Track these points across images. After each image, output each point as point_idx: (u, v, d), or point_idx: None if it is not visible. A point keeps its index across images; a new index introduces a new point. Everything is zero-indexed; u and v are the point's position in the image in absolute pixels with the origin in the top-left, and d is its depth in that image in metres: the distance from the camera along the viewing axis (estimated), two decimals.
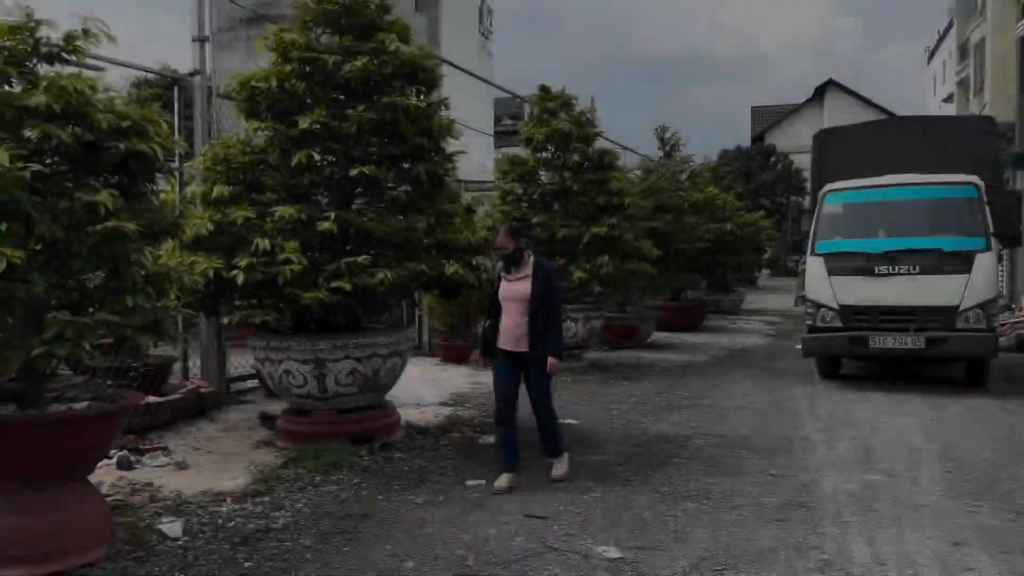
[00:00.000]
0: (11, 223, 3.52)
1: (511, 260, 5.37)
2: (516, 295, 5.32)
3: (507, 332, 5.36)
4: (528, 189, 11.20)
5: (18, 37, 3.98)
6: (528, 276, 5.31)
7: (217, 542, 4.26)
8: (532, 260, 5.38)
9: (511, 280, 5.37)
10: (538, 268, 5.35)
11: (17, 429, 3.74)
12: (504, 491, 5.14)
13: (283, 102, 6.34)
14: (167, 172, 4.32)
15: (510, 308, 5.34)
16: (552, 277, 5.39)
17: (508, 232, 5.42)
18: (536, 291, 5.24)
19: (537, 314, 5.24)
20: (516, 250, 5.36)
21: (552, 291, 5.33)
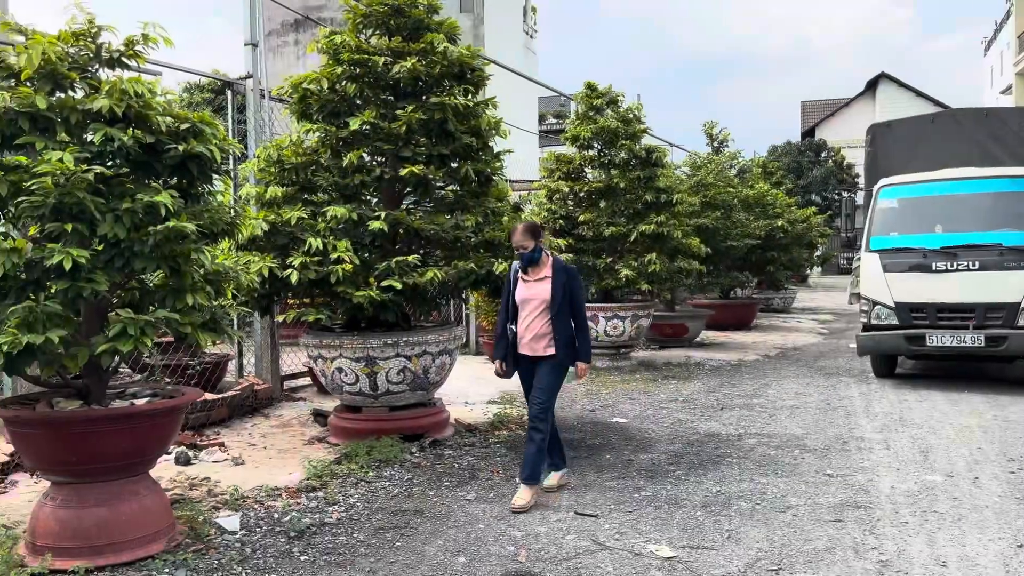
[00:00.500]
0: (76, 224, 3.64)
1: (530, 260, 5.06)
2: (536, 297, 5.02)
3: (527, 335, 5.07)
4: (574, 187, 11.18)
5: (81, 43, 4.12)
6: (548, 277, 5.02)
7: (273, 536, 4.35)
8: (551, 260, 5.11)
9: (529, 281, 5.09)
10: (558, 268, 5.06)
11: (82, 425, 3.86)
12: (554, 489, 5.10)
13: (334, 103, 6.43)
14: (223, 173, 4.40)
15: (530, 310, 5.05)
16: (573, 276, 5.10)
17: (526, 230, 5.05)
18: (557, 292, 4.97)
19: (560, 316, 4.99)
20: (536, 249, 5.05)
21: (576, 291, 5.06)
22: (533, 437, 4.92)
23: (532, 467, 4.89)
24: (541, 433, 4.92)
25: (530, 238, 5.02)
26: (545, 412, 4.95)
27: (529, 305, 5.05)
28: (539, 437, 4.91)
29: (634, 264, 10.46)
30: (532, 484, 4.89)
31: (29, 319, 3.52)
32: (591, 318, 10.51)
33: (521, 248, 5.03)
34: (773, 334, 15.17)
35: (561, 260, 5.16)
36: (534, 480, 4.91)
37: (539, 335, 5.01)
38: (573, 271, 5.11)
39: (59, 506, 3.92)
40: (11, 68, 3.98)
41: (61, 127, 3.87)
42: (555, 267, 5.05)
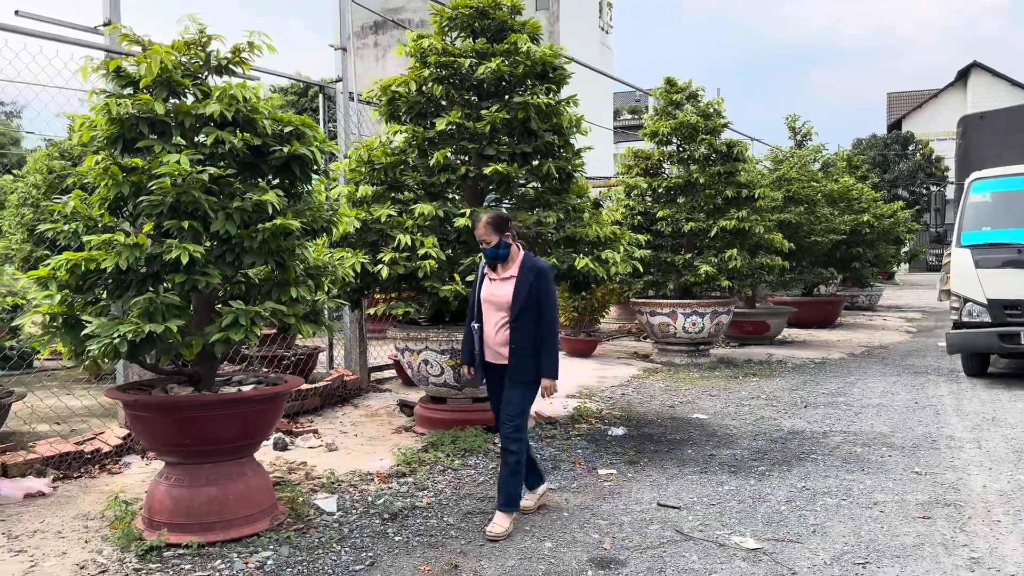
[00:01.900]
0: (191, 221, 3.91)
1: (494, 256, 4.47)
2: (497, 298, 4.46)
3: (490, 340, 4.52)
4: (652, 183, 11.17)
5: (192, 52, 4.40)
6: (513, 277, 4.43)
7: (368, 517, 4.57)
8: (521, 257, 4.50)
9: (496, 280, 4.51)
10: (526, 267, 4.43)
11: (196, 409, 4.15)
12: (531, 510, 4.58)
13: (421, 105, 6.65)
14: (321, 174, 4.64)
15: (491, 313, 4.50)
16: (541, 278, 4.39)
17: (489, 223, 4.43)
18: (520, 294, 4.34)
19: (520, 322, 4.34)
20: (501, 244, 4.43)
21: (542, 295, 4.36)
22: (507, 459, 4.35)
23: (508, 492, 4.34)
24: (516, 454, 4.34)
25: (493, 232, 4.42)
26: (518, 430, 4.35)
27: (492, 307, 4.50)
28: (513, 459, 4.34)
29: (714, 260, 10.41)
30: (509, 510, 4.34)
31: (150, 309, 3.81)
32: (669, 314, 10.52)
33: (484, 243, 4.45)
34: (858, 332, 14.80)
35: (533, 257, 4.54)
36: (511, 506, 4.36)
37: (504, 341, 4.44)
38: (543, 269, 4.44)
39: (173, 485, 4.21)
40: (131, 76, 4.30)
41: (176, 131, 4.16)
42: (524, 265, 4.45)
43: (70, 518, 4.54)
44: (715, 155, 10.89)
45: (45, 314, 3.97)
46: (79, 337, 3.89)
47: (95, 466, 5.49)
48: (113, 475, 5.40)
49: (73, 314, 4.01)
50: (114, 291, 4.01)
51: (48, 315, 3.98)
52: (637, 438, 6.50)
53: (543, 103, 6.40)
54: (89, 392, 7.49)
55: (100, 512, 4.59)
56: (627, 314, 15.95)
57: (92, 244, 3.93)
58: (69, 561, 3.92)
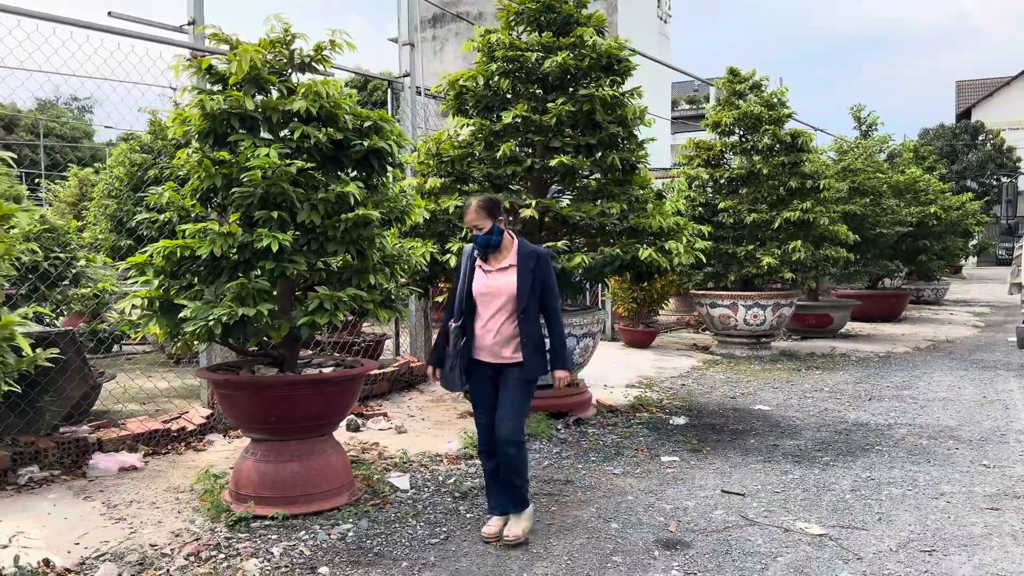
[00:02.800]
0: (280, 212, 4.14)
1: (486, 245, 4.07)
2: (497, 291, 4.05)
3: (486, 338, 4.08)
4: (714, 174, 11.14)
5: (277, 50, 4.63)
6: (512, 266, 4.06)
7: (440, 495, 4.76)
8: (516, 244, 4.12)
9: (491, 271, 4.10)
10: (524, 253, 4.07)
11: (281, 388, 4.38)
12: (493, 539, 4.03)
13: (487, 98, 6.80)
14: (396, 166, 4.83)
15: (490, 307, 4.07)
16: (543, 262, 4.08)
17: (481, 207, 4.03)
18: (524, 285, 4.01)
19: (529, 314, 4.02)
20: (494, 231, 4.05)
21: (547, 280, 4.08)
22: (508, 462, 3.98)
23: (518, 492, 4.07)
24: (515, 457, 3.97)
25: (486, 216, 4.02)
26: (516, 431, 3.98)
27: (490, 302, 4.07)
28: (516, 462, 3.99)
29: (777, 252, 10.35)
30: (521, 509, 4.10)
31: (242, 294, 4.05)
32: (730, 306, 10.51)
33: (475, 229, 4.06)
34: (924, 326, 14.51)
35: (528, 243, 4.17)
36: (523, 504, 4.11)
37: (505, 339, 4.04)
38: (543, 255, 4.11)
39: (259, 460, 4.46)
40: (221, 74, 4.55)
41: (264, 126, 4.39)
42: (521, 253, 4.08)
43: (162, 490, 4.84)
44: (779, 145, 10.81)
45: (143, 298, 4.25)
46: (175, 320, 4.16)
47: (181, 443, 5.81)
48: (198, 452, 5.71)
49: (169, 298, 4.28)
50: (207, 277, 4.27)
51: (146, 299, 4.25)
52: (699, 427, 6.57)
53: (608, 95, 6.49)
54: (170, 375, 7.88)
55: (190, 485, 4.89)
56: (686, 306, 15.91)
57: (187, 232, 4.20)
58: (165, 529, 4.20)
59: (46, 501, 4.62)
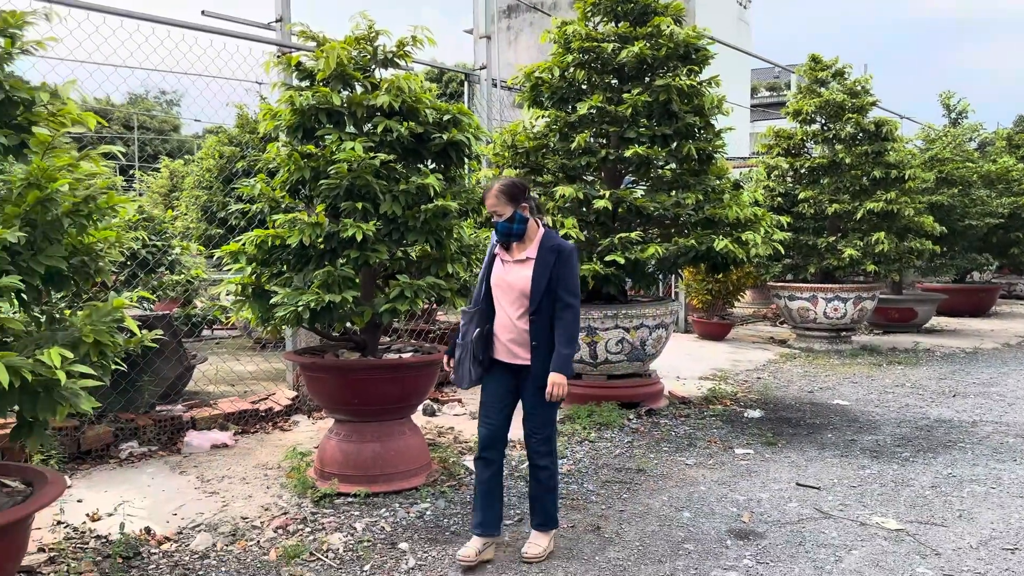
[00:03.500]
0: (364, 203, 4.31)
1: (507, 233, 3.68)
2: (512, 285, 3.68)
3: (502, 336, 3.73)
4: (795, 163, 10.93)
5: (361, 46, 4.80)
6: (530, 259, 3.66)
7: (514, 479, 4.88)
8: (540, 235, 3.71)
9: (508, 262, 3.73)
10: (546, 247, 3.66)
11: (364, 372, 4.57)
12: (471, 563, 3.60)
13: (563, 90, 6.86)
14: (473, 158, 4.95)
15: (504, 302, 3.72)
16: (565, 260, 3.64)
17: (502, 192, 3.64)
18: (539, 281, 3.61)
19: (540, 315, 3.62)
20: (516, 219, 3.65)
21: (565, 279, 3.62)
22: (538, 475, 3.73)
23: (544, 509, 3.76)
24: (548, 469, 3.73)
25: (507, 202, 3.64)
26: (547, 442, 3.72)
27: (505, 296, 3.72)
28: (546, 475, 3.73)
29: (859, 243, 10.10)
30: (547, 529, 3.77)
31: (328, 281, 4.24)
32: (809, 299, 10.31)
33: (495, 215, 3.70)
34: (1015, 322, 13.91)
35: (555, 235, 3.74)
36: (550, 524, 3.77)
37: (521, 338, 3.69)
38: (567, 250, 3.66)
39: (342, 440, 4.67)
40: (308, 70, 4.75)
41: (349, 120, 4.57)
42: (543, 245, 3.66)
43: (251, 467, 5.11)
44: (862, 134, 10.53)
45: (237, 284, 4.49)
46: (266, 305, 4.39)
47: (268, 423, 6.10)
48: (284, 431, 5.98)
49: (260, 285, 4.51)
50: (296, 265, 4.47)
51: (239, 285, 4.49)
52: (774, 421, 6.52)
53: (685, 85, 6.47)
54: (257, 358, 8.23)
55: (277, 463, 5.14)
56: (763, 298, 15.64)
57: (277, 222, 4.41)
58: (255, 503, 4.44)
59: (145, 475, 4.93)
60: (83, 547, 3.76)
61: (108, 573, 3.46)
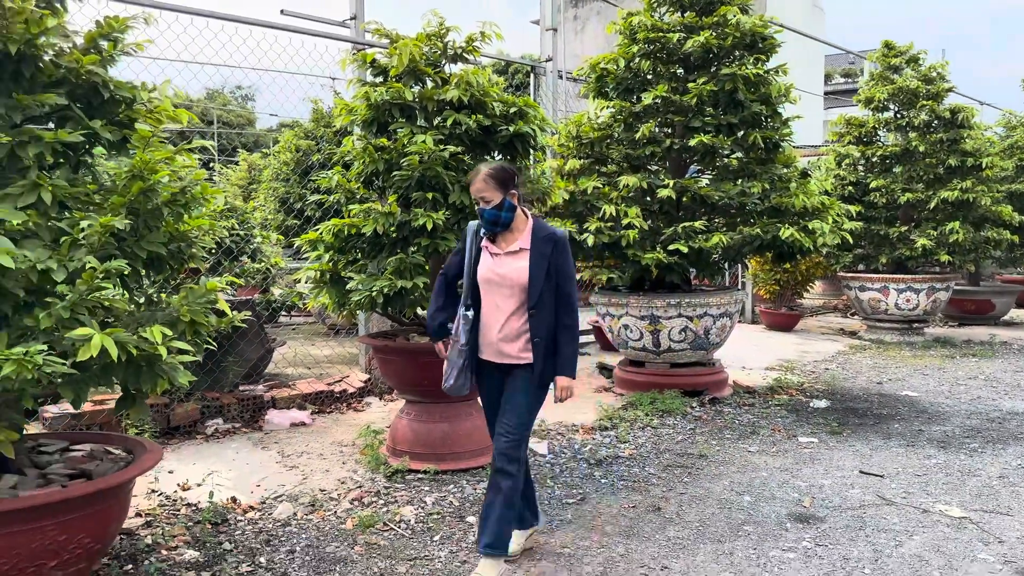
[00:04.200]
0: (435, 193, 4.50)
1: (494, 222, 3.37)
2: (504, 279, 3.37)
3: (490, 334, 3.42)
4: (866, 151, 10.72)
5: (432, 43, 4.98)
6: (524, 250, 3.37)
7: (576, 461, 5.03)
8: (530, 225, 3.43)
9: (499, 255, 3.41)
10: (540, 236, 3.38)
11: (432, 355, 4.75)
12: (515, 557, 3.53)
13: (628, 80, 6.94)
14: (538, 149, 5.09)
15: (495, 297, 3.40)
16: (562, 249, 3.38)
17: (491, 176, 3.35)
18: (538, 273, 3.32)
19: (540, 309, 3.33)
20: (505, 206, 3.35)
21: (563, 269, 3.37)
22: (499, 482, 3.28)
23: (496, 529, 3.26)
24: (512, 477, 3.28)
25: (496, 187, 3.34)
26: (518, 446, 3.31)
27: (497, 291, 3.40)
28: (508, 483, 3.27)
29: (932, 233, 9.88)
30: (497, 554, 3.27)
31: (400, 268, 4.45)
32: (880, 289, 10.14)
33: (482, 201, 3.38)
34: None
35: (545, 224, 3.48)
36: (499, 548, 3.28)
37: (512, 335, 3.37)
38: (561, 238, 3.41)
39: (413, 420, 4.89)
40: (382, 67, 4.96)
41: (420, 114, 4.76)
42: (535, 235, 3.39)
43: (328, 444, 5.38)
44: (937, 121, 10.27)
45: (316, 271, 4.75)
46: (343, 291, 4.63)
47: (343, 403, 6.39)
48: (358, 412, 6.26)
49: (337, 271, 4.76)
50: (370, 252, 4.70)
51: (318, 271, 4.74)
52: (840, 411, 6.49)
53: (751, 74, 6.47)
54: (331, 343, 8.56)
55: (351, 441, 5.40)
56: (833, 289, 15.37)
57: (353, 212, 4.64)
58: (332, 477, 4.70)
59: (230, 449, 5.25)
60: (175, 513, 4.06)
61: (199, 537, 3.74)
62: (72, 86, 3.25)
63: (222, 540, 3.72)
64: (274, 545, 3.70)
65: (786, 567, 3.49)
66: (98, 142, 3.30)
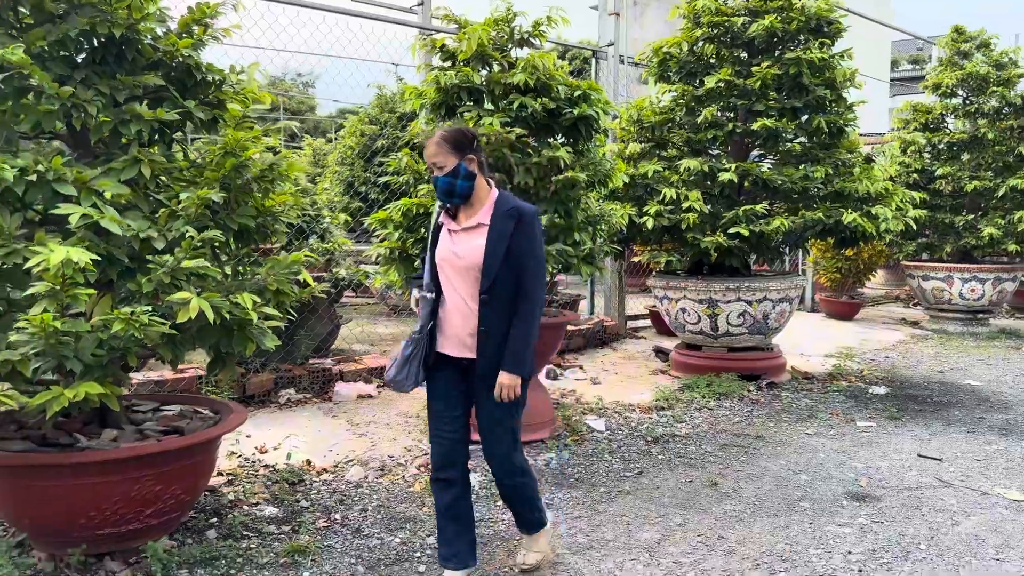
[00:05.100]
0: (500, 174, 4.64)
1: (450, 191, 2.93)
2: (459, 259, 2.95)
3: (449, 324, 3.00)
4: (932, 138, 10.51)
5: (499, 27, 5.11)
6: (482, 225, 2.93)
7: (633, 438, 5.15)
8: (494, 197, 2.98)
9: (456, 232, 3.00)
10: (502, 211, 2.93)
11: None
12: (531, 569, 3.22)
13: (691, 64, 6.97)
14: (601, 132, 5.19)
15: (456, 282, 2.97)
16: (523, 227, 2.91)
17: (445, 140, 2.92)
18: (495, 252, 2.88)
19: (495, 296, 2.89)
20: (461, 173, 2.90)
21: (525, 248, 2.90)
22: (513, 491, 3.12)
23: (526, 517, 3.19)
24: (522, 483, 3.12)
25: (450, 151, 2.90)
26: (511, 457, 3.06)
27: (457, 273, 2.97)
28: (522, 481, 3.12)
29: (1000, 222, 9.67)
30: (534, 530, 3.22)
31: None
32: (944, 279, 9.96)
33: (435, 168, 2.94)
34: None
35: (512, 197, 3.02)
36: (537, 526, 3.21)
37: (464, 323, 2.97)
38: (527, 214, 2.94)
39: None
40: (451, 51, 5.11)
41: (488, 97, 4.90)
42: (497, 209, 2.94)
43: (393, 415, 5.61)
44: (1008, 108, 10.01)
45: (386, 248, 4.94)
46: (411, 267, 4.82)
47: None
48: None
49: (405, 249, 4.94)
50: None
51: (388, 249, 4.94)
52: (900, 398, 6.46)
53: (816, 58, 6.45)
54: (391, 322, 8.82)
55: (416, 412, 5.62)
56: (894, 279, 15.09)
57: (420, 192, 4.82)
58: (399, 445, 4.91)
59: (302, 417, 5.51)
60: (254, 473, 4.32)
61: (277, 495, 3.98)
62: (167, 68, 3.49)
63: (299, 498, 3.96)
64: (347, 504, 3.93)
65: (841, 541, 3.56)
66: (190, 121, 3.53)
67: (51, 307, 2.71)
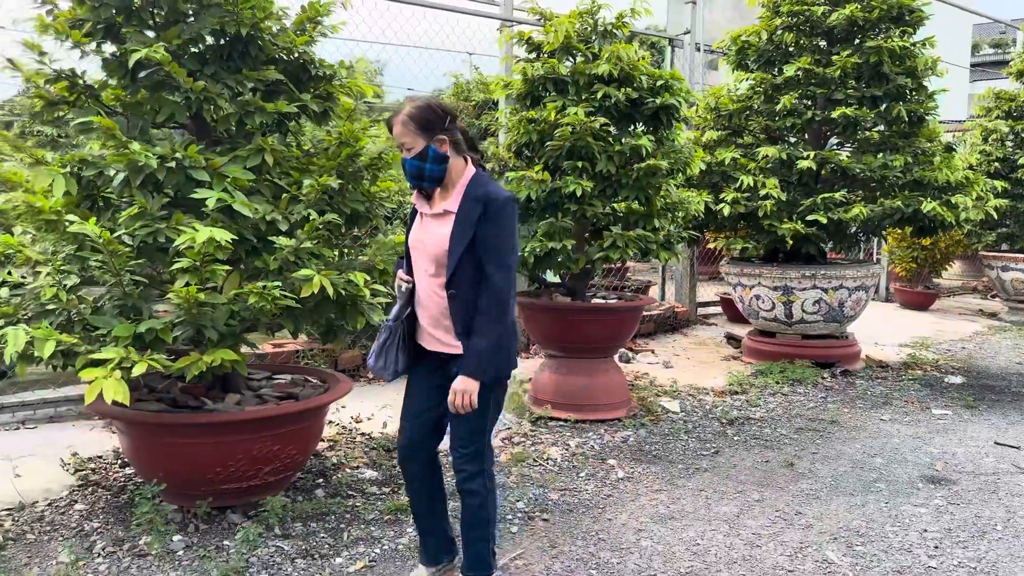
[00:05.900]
0: (584, 162, 4.83)
1: (419, 175, 2.66)
2: (428, 248, 2.72)
3: (422, 315, 2.79)
4: (1015, 127, 10.26)
5: (583, 20, 5.28)
6: (449, 212, 2.67)
7: (708, 420, 5.30)
8: (468, 177, 2.69)
9: (426, 216, 2.76)
10: (473, 196, 2.64)
11: (575, 313, 5.15)
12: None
13: (769, 52, 7.01)
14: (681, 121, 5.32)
15: (423, 271, 2.75)
16: (494, 214, 2.60)
17: (412, 116, 2.62)
18: (459, 241, 2.62)
19: (460, 286, 2.64)
20: (428, 155, 2.62)
21: (492, 237, 2.61)
22: (466, 500, 2.77)
23: (475, 549, 2.80)
24: (477, 495, 2.75)
25: (416, 131, 2.62)
26: (473, 459, 2.74)
27: (424, 262, 2.75)
28: (476, 500, 2.75)
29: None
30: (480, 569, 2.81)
31: (550, 231, 4.82)
32: (1021, 270, 9.75)
33: (403, 149, 2.67)
34: None
35: (488, 180, 2.72)
36: (482, 568, 2.81)
37: (435, 314, 2.74)
38: (496, 201, 2.61)
39: (555, 372, 5.29)
40: (536, 43, 5.31)
41: (572, 88, 5.09)
42: (467, 194, 2.66)
43: None
44: None
45: None
46: None
47: None
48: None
49: None
50: (521, 217, 5.09)
51: None
52: (976, 387, 6.44)
53: (897, 46, 6.43)
54: None
55: None
56: (971, 270, 14.74)
57: (508, 179, 5.04)
58: None
59: (389, 390, 5.81)
60: (352, 440, 4.63)
61: (375, 460, 4.28)
62: (284, 63, 3.78)
63: (396, 463, 4.25)
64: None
65: (917, 520, 3.68)
66: (304, 113, 3.82)
67: (192, 281, 3.02)
